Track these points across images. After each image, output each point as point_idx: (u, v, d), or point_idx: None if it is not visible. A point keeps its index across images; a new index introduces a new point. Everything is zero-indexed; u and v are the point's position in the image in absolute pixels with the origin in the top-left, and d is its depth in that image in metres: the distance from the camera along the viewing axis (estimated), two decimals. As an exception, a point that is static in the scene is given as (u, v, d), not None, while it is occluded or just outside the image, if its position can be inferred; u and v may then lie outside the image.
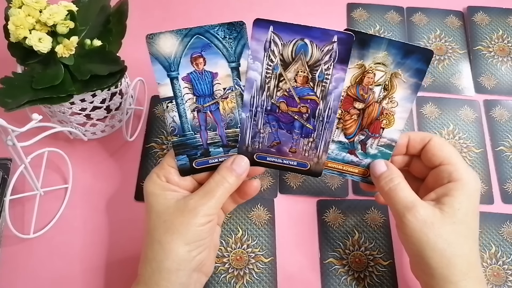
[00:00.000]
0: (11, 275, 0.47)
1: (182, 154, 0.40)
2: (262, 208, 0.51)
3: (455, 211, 0.37)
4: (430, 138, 0.41)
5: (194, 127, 0.39)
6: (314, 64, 0.37)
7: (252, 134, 0.40)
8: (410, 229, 0.38)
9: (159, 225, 0.38)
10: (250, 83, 0.38)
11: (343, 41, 0.36)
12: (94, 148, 0.54)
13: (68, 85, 0.45)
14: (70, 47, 0.44)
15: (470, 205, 0.38)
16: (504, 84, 0.60)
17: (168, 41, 0.36)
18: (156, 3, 0.65)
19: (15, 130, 0.40)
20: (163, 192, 0.39)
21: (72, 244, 0.49)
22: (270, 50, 0.37)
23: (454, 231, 0.37)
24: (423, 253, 0.38)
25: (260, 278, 0.47)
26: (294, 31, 0.36)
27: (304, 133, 0.40)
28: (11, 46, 0.46)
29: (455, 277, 0.37)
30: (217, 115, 0.39)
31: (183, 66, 0.37)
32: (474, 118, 0.57)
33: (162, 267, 0.37)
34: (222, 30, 0.37)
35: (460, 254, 0.37)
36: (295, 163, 0.41)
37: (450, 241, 0.37)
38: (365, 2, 0.65)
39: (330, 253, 0.49)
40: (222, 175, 0.39)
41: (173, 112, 0.39)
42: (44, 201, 0.50)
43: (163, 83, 0.38)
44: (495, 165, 0.54)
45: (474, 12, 0.65)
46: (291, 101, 0.38)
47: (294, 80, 0.38)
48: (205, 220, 0.38)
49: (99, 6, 0.49)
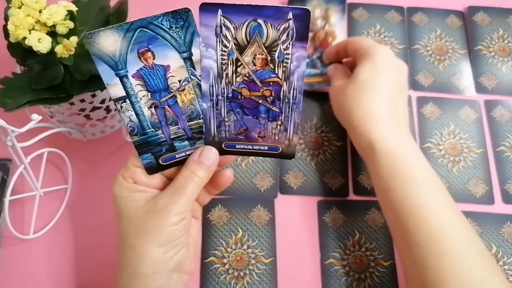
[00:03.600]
0: (10, 275, 0.47)
1: (146, 152, 0.38)
2: (262, 209, 0.51)
3: (357, 74, 0.47)
4: (348, 42, 0.52)
5: (154, 124, 0.37)
6: (271, 44, 0.35)
7: (216, 123, 0.38)
8: (331, 97, 0.51)
9: (129, 229, 0.36)
10: (206, 71, 0.36)
11: (299, 18, 0.34)
12: (93, 148, 0.54)
13: (67, 86, 0.45)
14: (69, 47, 0.44)
15: (370, 67, 0.47)
16: (505, 84, 0.60)
17: (109, 38, 0.34)
18: (156, 3, 0.64)
19: (15, 130, 0.40)
20: (131, 194, 0.38)
21: (72, 244, 0.49)
22: (222, 35, 0.35)
23: (354, 88, 0.47)
24: (337, 113, 0.50)
25: (261, 279, 0.47)
26: (245, 11, 0.34)
27: (271, 117, 0.38)
28: (11, 46, 0.46)
29: (354, 122, 0.46)
30: (176, 108, 0.37)
31: (131, 63, 0.35)
32: (475, 118, 0.57)
33: (137, 273, 0.36)
34: (166, 20, 0.35)
35: (357, 104, 0.46)
36: (266, 147, 0.39)
37: (349, 96, 0.47)
38: (365, 1, 0.65)
39: (331, 254, 0.49)
40: (191, 170, 0.38)
41: (128, 112, 0.37)
42: (43, 201, 0.50)
43: (112, 83, 0.35)
44: (496, 165, 0.54)
45: (474, 12, 0.65)
46: (253, 86, 0.37)
47: (252, 64, 0.36)
48: (177, 218, 0.36)
49: (98, 6, 0.49)
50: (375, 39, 0.62)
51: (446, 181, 0.53)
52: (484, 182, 0.53)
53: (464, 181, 0.53)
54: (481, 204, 0.52)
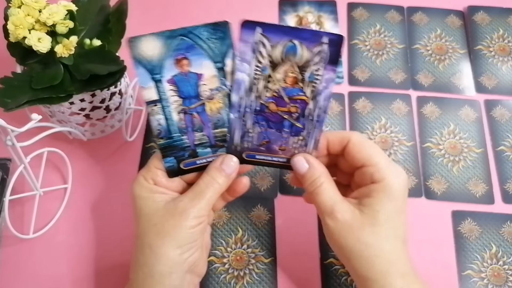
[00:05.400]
0: (10, 275, 0.47)
1: (169, 156, 0.39)
2: (262, 208, 0.51)
3: (375, 213, 0.37)
4: (349, 139, 0.40)
5: (180, 129, 0.39)
6: (303, 65, 0.37)
7: (241, 134, 0.39)
8: (331, 233, 0.38)
9: (149, 228, 0.37)
10: (238, 84, 0.37)
11: (334, 43, 0.35)
12: (93, 148, 0.54)
13: (67, 85, 0.45)
14: (69, 47, 0.44)
15: (391, 205, 0.38)
16: (505, 84, 0.60)
17: (150, 43, 0.35)
18: (156, 3, 0.64)
19: (15, 130, 0.40)
20: (152, 194, 0.38)
21: (72, 244, 0.49)
22: (258, 51, 0.36)
23: (373, 233, 0.37)
24: (344, 255, 0.38)
25: (261, 279, 0.47)
26: (284, 32, 0.35)
27: (293, 132, 0.39)
28: (11, 46, 0.46)
29: (375, 276, 0.37)
30: (204, 116, 0.39)
31: (167, 69, 0.36)
32: (475, 118, 0.57)
33: (154, 272, 0.37)
34: (206, 30, 0.36)
35: (379, 255, 0.37)
36: (284, 160, 0.41)
37: (368, 243, 0.37)
38: (365, 1, 0.65)
39: (330, 253, 0.49)
40: (212, 176, 0.39)
41: (158, 115, 0.38)
42: (43, 201, 0.50)
43: (147, 86, 0.37)
44: (496, 165, 0.54)
45: (474, 11, 0.65)
46: (281, 101, 0.38)
47: (283, 81, 0.37)
48: (196, 222, 0.37)
49: (98, 6, 0.49)
50: (375, 39, 0.62)
51: (446, 181, 0.53)
52: (484, 182, 0.53)
53: (464, 180, 0.53)
54: (481, 203, 0.52)
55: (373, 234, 0.37)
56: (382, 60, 0.61)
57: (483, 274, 0.48)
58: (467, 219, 0.51)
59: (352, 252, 0.38)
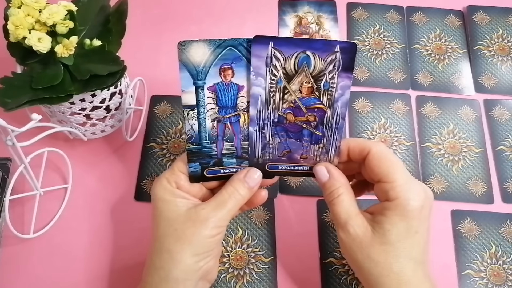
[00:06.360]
0: (11, 275, 0.47)
1: (195, 161, 0.39)
2: (262, 208, 0.51)
3: (385, 231, 0.37)
4: (369, 151, 0.39)
5: (211, 137, 0.39)
6: (318, 74, 0.37)
7: (261, 146, 0.40)
8: (343, 245, 0.38)
9: (169, 233, 0.37)
10: (254, 98, 0.38)
11: (346, 50, 0.36)
12: (94, 148, 0.54)
13: (67, 85, 0.45)
14: (69, 47, 0.44)
15: (402, 225, 0.37)
16: (504, 84, 0.60)
17: (199, 50, 0.36)
18: (156, 3, 0.64)
19: (15, 130, 0.40)
20: (174, 199, 0.38)
21: (72, 244, 0.49)
22: (272, 65, 0.37)
23: (383, 252, 0.37)
24: (355, 268, 0.39)
25: (260, 278, 0.47)
26: (295, 44, 0.36)
27: (314, 140, 0.40)
28: (11, 46, 0.46)
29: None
30: (236, 127, 0.39)
31: (211, 76, 0.37)
32: (474, 118, 0.57)
33: (170, 277, 0.37)
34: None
35: (387, 274, 0.36)
36: (307, 168, 0.41)
37: (378, 261, 0.37)
38: (365, 1, 0.65)
39: (330, 253, 0.49)
40: (235, 187, 0.39)
41: (192, 120, 0.38)
42: (43, 201, 0.50)
43: (187, 90, 0.37)
44: (495, 165, 0.54)
45: (474, 11, 0.65)
46: (298, 111, 0.39)
47: (299, 92, 0.38)
48: (215, 231, 0.37)
49: (98, 6, 0.49)
50: (374, 39, 0.62)
51: (446, 180, 0.53)
52: (483, 181, 0.53)
53: (464, 180, 0.53)
54: (480, 203, 0.52)
55: (383, 253, 0.37)
56: (381, 60, 0.61)
57: (482, 274, 0.48)
58: (467, 219, 0.51)
59: (363, 268, 0.37)
